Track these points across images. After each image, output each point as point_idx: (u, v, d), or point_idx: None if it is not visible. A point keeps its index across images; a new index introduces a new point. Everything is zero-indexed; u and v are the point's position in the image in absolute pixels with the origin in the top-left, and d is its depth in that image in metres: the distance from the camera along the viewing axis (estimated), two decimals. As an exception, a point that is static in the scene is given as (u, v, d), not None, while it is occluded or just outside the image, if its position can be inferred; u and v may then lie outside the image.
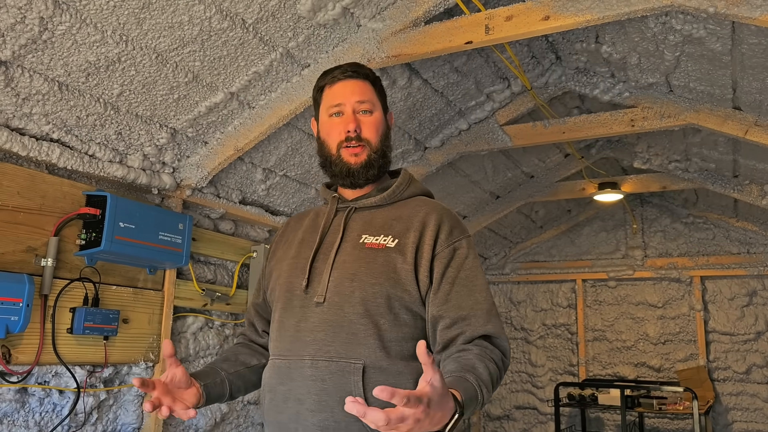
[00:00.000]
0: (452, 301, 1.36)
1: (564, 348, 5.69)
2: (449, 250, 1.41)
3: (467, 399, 1.13)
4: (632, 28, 2.61)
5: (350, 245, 1.44)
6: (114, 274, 2.47)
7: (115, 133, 2.33)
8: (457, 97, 3.23)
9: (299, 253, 1.51)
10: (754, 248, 5.12)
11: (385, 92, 1.61)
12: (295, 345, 1.39)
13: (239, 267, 3.15)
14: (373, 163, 1.50)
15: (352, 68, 1.54)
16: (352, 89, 1.52)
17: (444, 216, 1.46)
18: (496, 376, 1.28)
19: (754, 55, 2.39)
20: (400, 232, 1.43)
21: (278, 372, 1.41)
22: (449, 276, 1.39)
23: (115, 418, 2.49)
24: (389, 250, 1.40)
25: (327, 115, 1.53)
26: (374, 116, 1.52)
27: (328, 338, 1.36)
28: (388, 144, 1.54)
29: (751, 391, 4.98)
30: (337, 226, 1.49)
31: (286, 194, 3.24)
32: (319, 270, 1.44)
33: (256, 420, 3.20)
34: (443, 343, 1.36)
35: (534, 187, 4.71)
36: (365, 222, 1.48)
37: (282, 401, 1.38)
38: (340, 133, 1.50)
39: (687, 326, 5.26)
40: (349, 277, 1.39)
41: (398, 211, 1.49)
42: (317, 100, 1.59)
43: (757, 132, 2.91)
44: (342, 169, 1.50)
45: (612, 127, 3.30)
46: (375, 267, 1.38)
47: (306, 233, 1.55)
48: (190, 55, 2.18)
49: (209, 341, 2.94)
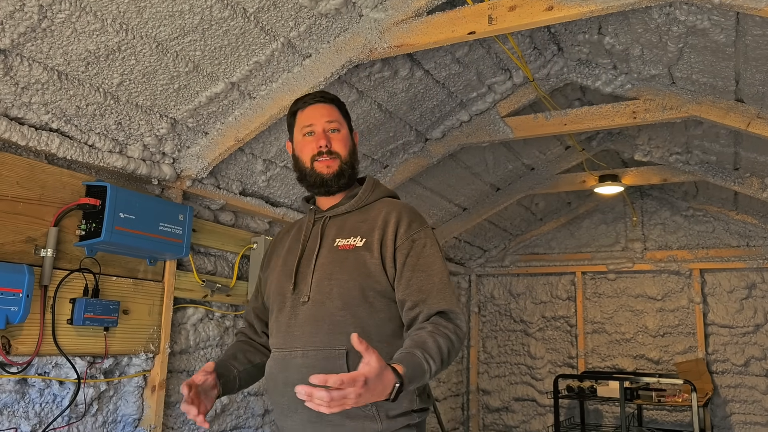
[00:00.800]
0: (413, 285, 1.58)
1: (563, 340, 5.70)
2: (409, 241, 1.63)
3: (412, 372, 1.35)
4: (636, 19, 2.60)
5: (327, 249, 1.68)
6: (114, 265, 2.46)
7: (115, 123, 2.31)
8: (459, 89, 3.22)
9: (286, 261, 1.76)
10: (753, 241, 5.12)
11: (349, 114, 1.86)
12: (288, 339, 1.64)
13: (239, 258, 3.14)
14: (343, 173, 1.74)
15: (320, 95, 1.81)
16: (321, 112, 1.77)
17: (403, 212, 1.68)
18: (447, 347, 1.47)
19: (758, 47, 2.38)
20: (367, 231, 1.66)
21: (277, 363, 1.67)
22: (410, 264, 1.60)
23: (116, 409, 2.49)
24: (358, 249, 1.63)
25: (301, 135, 1.78)
26: (342, 133, 1.77)
27: (314, 331, 1.59)
28: (355, 157, 1.80)
29: (749, 384, 4.99)
30: (315, 234, 1.74)
31: (286, 185, 3.22)
32: (304, 273, 1.68)
33: (256, 411, 3.20)
34: (407, 323, 1.59)
35: (534, 179, 4.70)
36: (338, 227, 1.72)
37: (282, 387, 1.62)
38: (312, 149, 1.74)
39: (686, 319, 5.27)
40: (326, 276, 1.63)
41: (365, 214, 1.72)
42: (291, 123, 1.83)
43: (759, 124, 2.90)
44: (316, 179, 1.73)
45: (614, 119, 3.29)
46: (347, 265, 1.62)
47: (292, 243, 1.81)
48: (191, 45, 2.17)
49: (209, 332, 2.93)
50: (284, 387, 1.59)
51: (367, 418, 1.50)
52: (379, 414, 1.50)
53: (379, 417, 1.50)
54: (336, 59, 2.45)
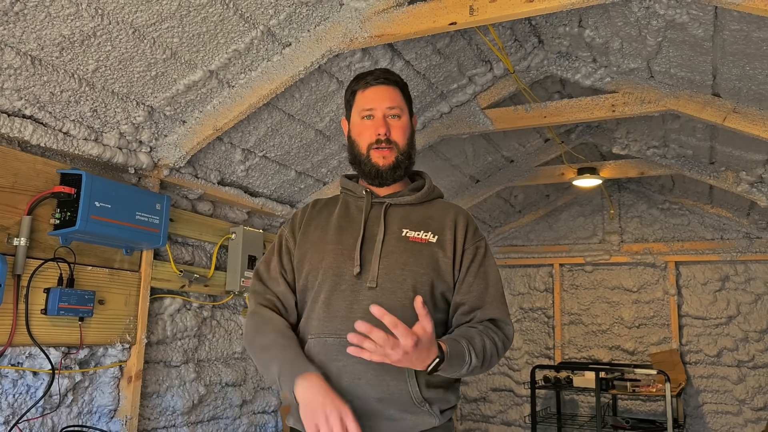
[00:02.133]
0: (473, 292, 1.60)
1: (540, 331, 5.75)
2: (473, 248, 1.64)
3: (453, 353, 1.38)
4: (616, 12, 2.61)
5: (394, 238, 1.61)
6: (89, 255, 2.42)
7: (91, 110, 2.27)
8: (439, 80, 3.21)
9: (341, 240, 1.63)
10: (727, 234, 5.21)
11: (411, 97, 1.77)
12: (349, 325, 1.44)
13: (218, 248, 3.12)
14: (400, 165, 1.67)
15: (384, 75, 1.71)
16: (383, 95, 1.68)
17: (468, 219, 1.70)
18: (491, 350, 1.50)
19: (735, 42, 2.40)
20: (437, 230, 1.64)
21: (330, 350, 1.51)
22: (473, 270, 1.62)
23: (91, 400, 2.46)
24: (432, 245, 1.61)
25: (359, 117, 1.69)
26: (402, 120, 1.69)
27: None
28: (413, 146, 1.73)
29: (721, 374, 5.09)
30: (376, 219, 1.65)
31: (265, 175, 3.20)
32: (367, 258, 1.58)
33: (234, 402, 3.18)
34: (458, 324, 1.59)
35: (513, 171, 4.72)
36: (402, 217, 1.65)
37: (335, 377, 1.49)
38: (371, 135, 1.66)
39: (661, 310, 5.35)
40: (400, 266, 1.57)
41: (428, 210, 1.69)
42: (350, 102, 1.74)
43: (735, 119, 2.93)
44: (371, 170, 1.67)
45: (593, 112, 3.31)
46: (422, 259, 1.58)
47: (342, 221, 1.68)
48: (169, 31, 2.13)
49: (187, 323, 2.91)
50: (338, 378, 1.48)
51: (426, 414, 1.50)
52: (432, 409, 1.50)
53: (434, 413, 1.50)
54: (316, 48, 2.43)
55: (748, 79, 2.64)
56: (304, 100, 2.81)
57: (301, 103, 2.82)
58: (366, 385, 1.48)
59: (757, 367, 4.99)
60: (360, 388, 1.48)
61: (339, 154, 3.37)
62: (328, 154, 3.32)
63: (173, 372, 2.86)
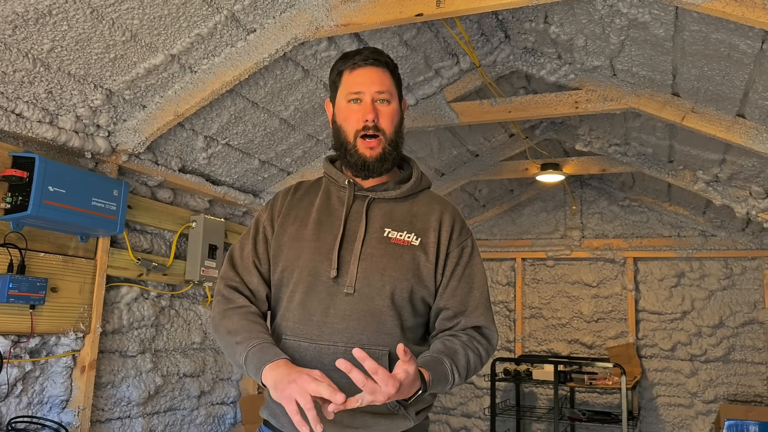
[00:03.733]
0: (457, 296, 1.53)
1: (502, 325, 5.82)
2: (459, 249, 1.57)
3: (435, 380, 1.35)
4: (580, 9, 2.64)
5: (375, 238, 1.52)
6: (42, 241, 2.35)
7: (45, 91, 2.20)
8: (406, 72, 3.20)
9: (319, 237, 1.54)
10: (684, 231, 5.34)
11: (401, 80, 1.65)
12: (325, 331, 1.46)
13: (177, 237, 3.06)
14: (387, 156, 1.56)
15: (373, 55, 1.58)
16: (372, 78, 1.55)
17: (455, 216, 1.60)
18: (474, 363, 1.47)
19: (694, 43, 2.45)
20: (421, 230, 1.55)
21: (305, 355, 1.46)
22: (457, 273, 1.55)
23: (42, 390, 2.40)
24: (414, 248, 1.52)
25: (345, 100, 1.57)
26: (391, 106, 1.57)
27: (360, 326, 1.45)
28: (401, 134, 1.61)
29: (674, 368, 5.23)
30: (358, 215, 1.55)
31: (228, 164, 3.15)
32: (346, 260, 1.50)
33: (192, 393, 3.14)
34: (441, 329, 1.54)
35: (478, 165, 4.75)
36: (385, 214, 1.56)
37: None
38: (358, 121, 1.54)
39: (619, 305, 5.46)
40: (379, 270, 1.49)
41: (414, 206, 1.59)
42: (335, 83, 1.61)
43: (693, 118, 3.00)
44: (357, 161, 1.55)
45: (557, 108, 3.34)
46: (403, 264, 1.50)
47: (322, 215, 1.58)
48: (129, 13, 2.07)
49: (144, 312, 2.85)
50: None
51: (400, 417, 1.46)
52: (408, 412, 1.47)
53: (408, 415, 1.47)
54: (281, 35, 2.39)
55: (706, 79, 2.70)
56: (268, 87, 2.77)
57: (265, 90, 2.78)
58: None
59: (709, 361, 5.13)
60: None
61: (303, 144, 3.34)
62: (292, 143, 3.28)
63: (129, 362, 2.80)
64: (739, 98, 2.73)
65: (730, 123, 2.92)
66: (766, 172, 3.43)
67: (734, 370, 5.05)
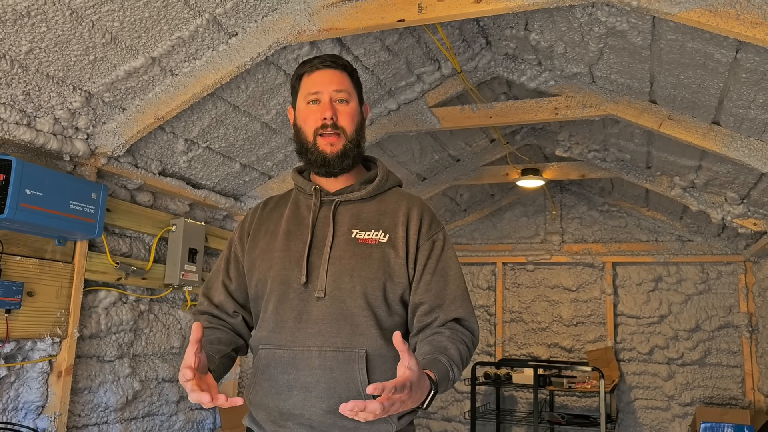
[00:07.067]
0: (432, 290, 1.51)
1: (482, 329, 5.84)
2: (429, 242, 1.55)
3: (440, 378, 1.31)
4: (560, 17, 2.67)
5: (343, 240, 1.52)
6: (18, 244, 2.32)
7: (23, 93, 2.18)
8: (388, 77, 3.22)
9: (288, 246, 1.55)
10: (661, 237, 5.41)
11: (361, 84, 1.66)
12: (299, 336, 1.46)
13: (157, 241, 3.04)
14: (348, 153, 1.56)
15: (331, 58, 1.60)
16: (330, 78, 1.57)
17: (424, 210, 1.59)
18: (465, 356, 1.45)
19: (671, 51, 2.49)
20: (389, 227, 1.54)
21: (279, 362, 1.47)
22: (430, 267, 1.53)
23: (17, 396, 2.36)
24: (383, 246, 1.51)
25: (305, 102, 1.59)
26: (350, 106, 1.58)
27: (334, 330, 1.45)
28: (362, 134, 1.61)
29: (652, 371, 5.29)
30: (325, 221, 1.55)
31: (209, 167, 3.14)
32: (315, 265, 1.50)
33: (171, 398, 3.11)
34: (420, 327, 1.51)
35: (460, 170, 4.78)
36: (352, 216, 1.56)
37: (286, 390, 1.45)
38: (316, 120, 1.55)
39: (598, 309, 5.51)
40: (348, 272, 1.48)
41: (381, 205, 1.58)
42: (295, 87, 1.63)
43: (670, 125, 3.05)
44: (317, 157, 1.55)
45: (537, 114, 3.38)
46: (372, 263, 1.49)
47: (291, 225, 1.59)
48: (109, 15, 2.06)
49: (123, 316, 2.83)
50: (289, 391, 1.44)
51: (382, 421, 1.42)
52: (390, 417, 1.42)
53: (390, 420, 1.43)
54: (263, 39, 2.39)
55: (683, 87, 2.74)
56: (250, 91, 2.77)
57: (246, 94, 2.77)
58: (316, 398, 1.42)
59: (685, 364, 5.20)
60: (310, 401, 1.42)
61: (285, 148, 3.34)
62: (274, 147, 3.28)
63: (107, 367, 2.77)
64: (715, 106, 2.79)
65: (706, 130, 2.98)
66: (740, 178, 3.49)
67: (710, 373, 5.13)
